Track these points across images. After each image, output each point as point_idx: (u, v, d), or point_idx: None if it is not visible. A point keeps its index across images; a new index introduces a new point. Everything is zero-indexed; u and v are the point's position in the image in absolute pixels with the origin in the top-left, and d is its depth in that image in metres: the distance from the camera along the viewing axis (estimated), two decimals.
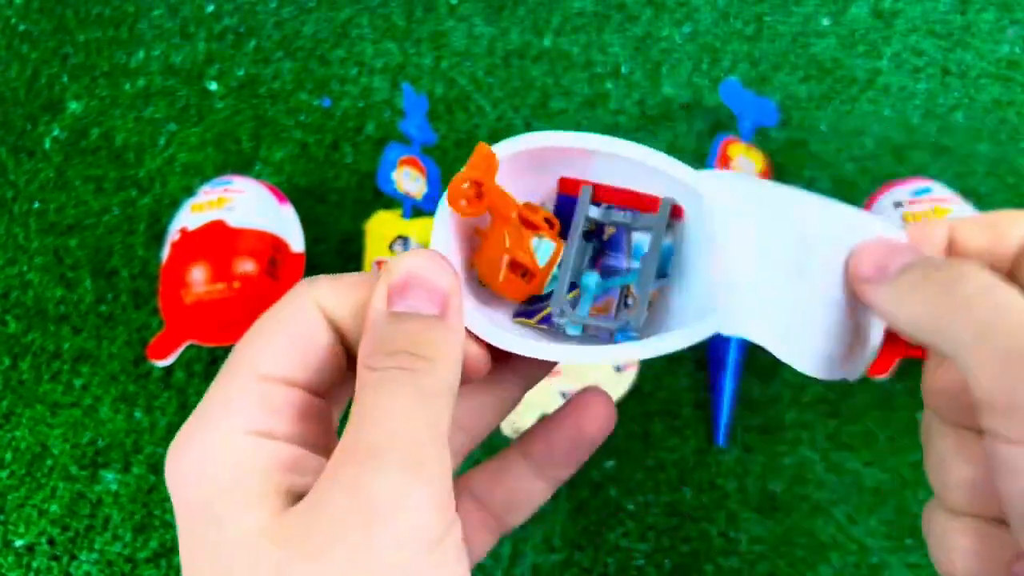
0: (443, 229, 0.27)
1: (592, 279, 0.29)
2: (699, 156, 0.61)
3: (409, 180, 0.56)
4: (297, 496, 0.20)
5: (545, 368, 0.28)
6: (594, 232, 0.29)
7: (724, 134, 0.56)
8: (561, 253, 0.28)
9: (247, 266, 0.51)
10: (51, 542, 0.51)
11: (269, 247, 0.53)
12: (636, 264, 0.29)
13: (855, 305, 0.24)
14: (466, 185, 0.26)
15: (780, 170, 0.60)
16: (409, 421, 0.20)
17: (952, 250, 0.23)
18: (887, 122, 0.61)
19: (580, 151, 0.28)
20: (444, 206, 0.26)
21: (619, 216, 0.28)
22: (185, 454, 0.21)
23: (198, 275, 0.51)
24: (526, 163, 0.27)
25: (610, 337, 0.27)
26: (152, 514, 0.51)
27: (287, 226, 0.55)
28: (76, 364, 0.56)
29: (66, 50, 0.69)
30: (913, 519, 0.48)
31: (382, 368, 0.21)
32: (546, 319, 0.28)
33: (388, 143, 0.58)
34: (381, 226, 0.55)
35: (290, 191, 0.61)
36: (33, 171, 0.64)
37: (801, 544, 0.47)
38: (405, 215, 0.55)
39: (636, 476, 0.50)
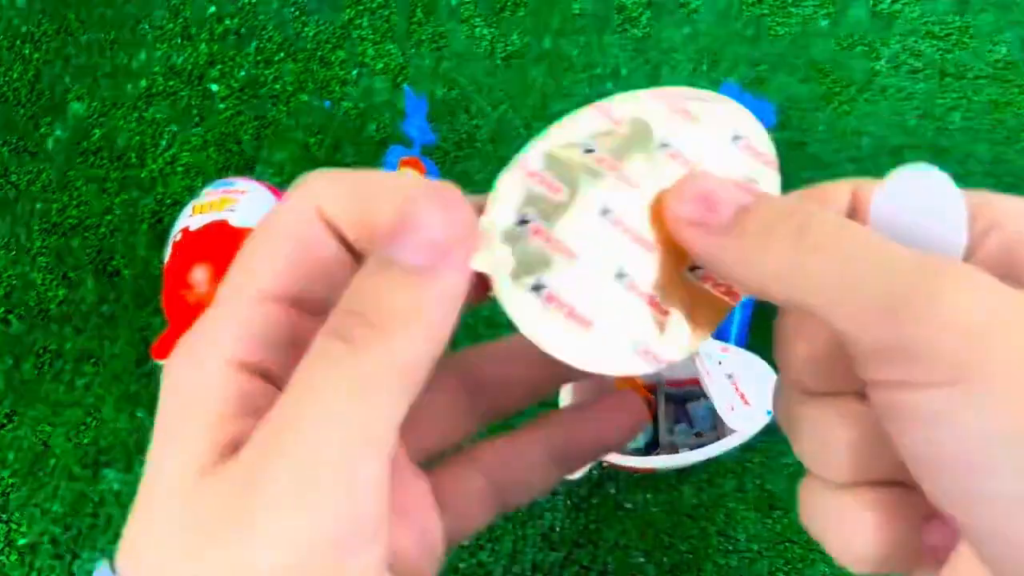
0: None
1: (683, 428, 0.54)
2: None
3: None
4: (237, 446, 0.18)
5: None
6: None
7: None
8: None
9: None
10: (54, 541, 0.51)
11: None
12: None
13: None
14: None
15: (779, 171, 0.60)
16: (325, 428, 0.17)
17: (856, 213, 0.20)
18: (885, 123, 0.62)
19: None
20: None
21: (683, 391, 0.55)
22: (171, 370, 0.19)
23: (200, 275, 0.51)
24: None
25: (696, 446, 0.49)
26: None
27: None
28: (78, 364, 0.56)
29: (68, 51, 0.69)
30: None
31: (327, 332, 0.18)
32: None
33: (389, 144, 0.58)
34: None
35: None
36: (36, 172, 0.64)
37: (799, 542, 0.48)
38: None
39: (635, 474, 0.50)
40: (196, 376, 0.19)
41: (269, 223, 0.20)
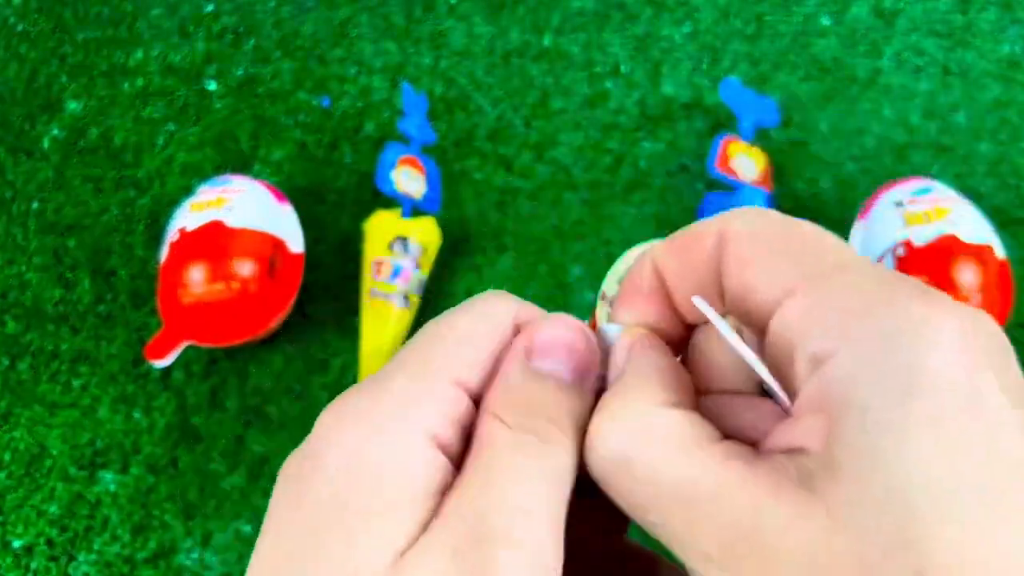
0: None
1: None
2: (699, 156, 0.61)
3: (408, 179, 0.56)
4: (426, 524, 0.19)
5: None
6: None
7: (724, 133, 0.56)
8: None
9: (246, 267, 0.51)
10: (50, 543, 0.51)
11: (268, 247, 0.52)
12: None
13: None
14: None
15: (781, 171, 0.60)
16: (536, 513, 0.18)
17: (662, 282, 0.21)
18: (888, 122, 0.61)
19: None
20: None
21: None
22: (351, 427, 0.19)
23: (196, 275, 0.51)
24: None
25: None
26: (151, 515, 0.51)
27: (286, 226, 0.55)
28: (75, 364, 0.56)
29: (65, 50, 0.69)
30: None
31: (517, 427, 0.20)
32: None
33: (387, 143, 0.58)
34: (380, 226, 0.55)
35: (289, 191, 0.60)
36: (32, 171, 0.64)
37: None
38: (404, 215, 0.55)
39: None
40: (398, 453, 0.19)
41: (479, 310, 0.21)
